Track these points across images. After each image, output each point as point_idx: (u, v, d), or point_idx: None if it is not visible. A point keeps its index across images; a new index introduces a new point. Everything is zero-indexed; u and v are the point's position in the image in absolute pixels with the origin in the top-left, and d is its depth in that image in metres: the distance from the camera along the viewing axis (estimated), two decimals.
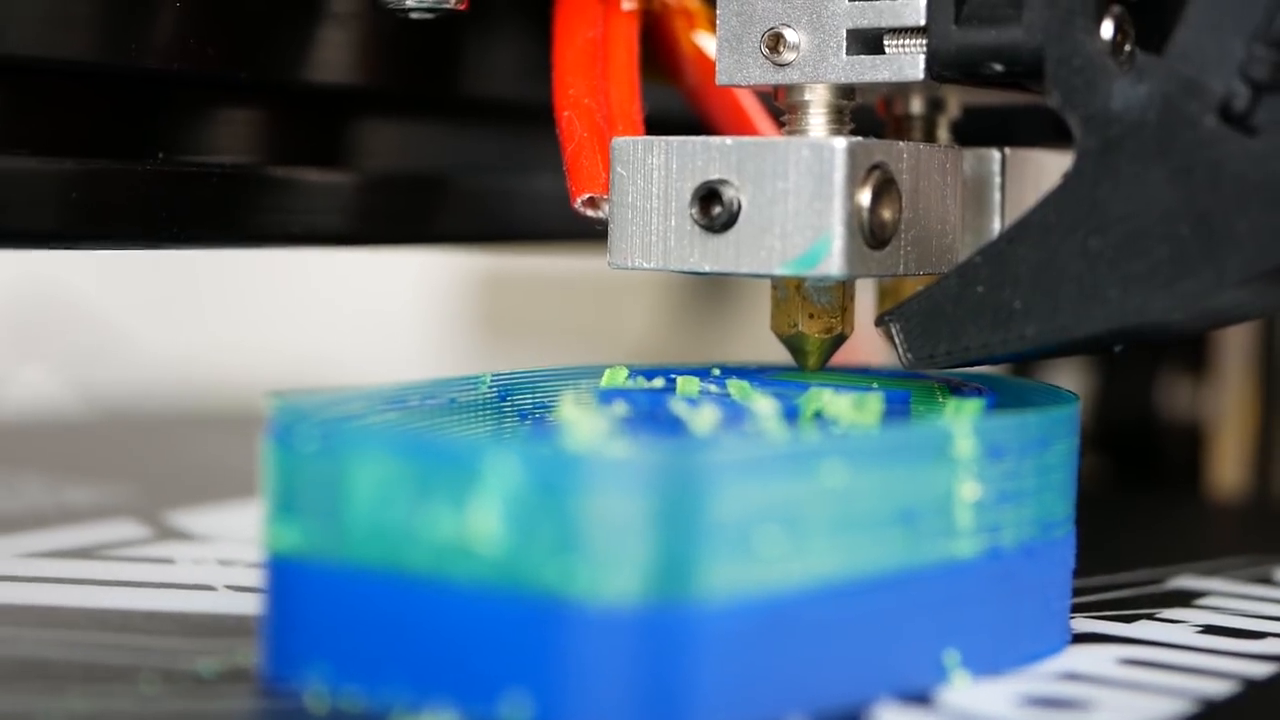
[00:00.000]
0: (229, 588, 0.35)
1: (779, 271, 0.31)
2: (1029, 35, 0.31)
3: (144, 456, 0.55)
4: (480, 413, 0.33)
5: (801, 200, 0.31)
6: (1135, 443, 0.53)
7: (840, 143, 0.31)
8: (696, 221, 0.32)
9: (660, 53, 0.37)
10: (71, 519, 0.41)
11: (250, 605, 0.33)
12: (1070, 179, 0.31)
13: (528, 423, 0.34)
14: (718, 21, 0.33)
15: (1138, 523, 0.46)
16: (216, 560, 0.37)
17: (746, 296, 0.33)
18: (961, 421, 0.30)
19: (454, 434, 0.32)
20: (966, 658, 0.30)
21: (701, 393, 0.33)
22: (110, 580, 0.35)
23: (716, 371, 0.35)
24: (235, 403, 0.69)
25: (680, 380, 0.34)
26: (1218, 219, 0.29)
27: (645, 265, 0.32)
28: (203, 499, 0.44)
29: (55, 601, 0.34)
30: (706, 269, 0.32)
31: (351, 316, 1.02)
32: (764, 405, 0.30)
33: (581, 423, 0.29)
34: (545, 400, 0.34)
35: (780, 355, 0.35)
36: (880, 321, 0.32)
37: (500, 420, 0.33)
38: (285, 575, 0.28)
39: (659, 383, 0.34)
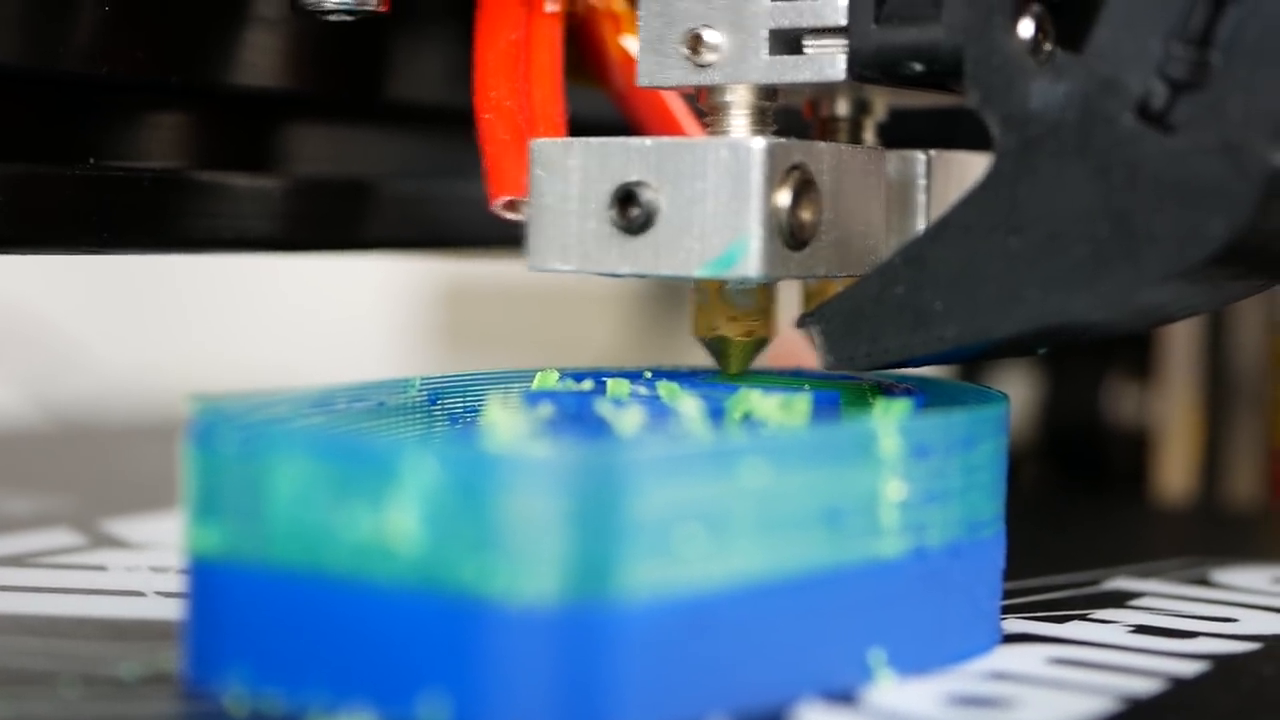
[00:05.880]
0: (159, 594, 0.35)
1: (697, 273, 0.31)
2: (948, 34, 0.31)
3: (86, 467, 0.54)
4: (410, 416, 0.33)
5: (720, 201, 0.31)
6: (1081, 448, 0.53)
7: (759, 143, 0.31)
8: (615, 223, 0.32)
9: (588, 56, 0.37)
10: (7, 528, 0.41)
11: (178, 610, 0.33)
12: (990, 179, 0.30)
13: (458, 426, 0.34)
14: (639, 22, 0.33)
15: (1082, 527, 0.46)
16: (149, 567, 0.37)
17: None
18: (887, 420, 0.29)
19: (376, 436, 0.31)
20: (892, 657, 0.30)
21: (631, 395, 0.33)
22: (40, 587, 0.35)
23: (648, 374, 0.34)
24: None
25: (610, 382, 0.34)
26: (1136, 218, 0.29)
27: (564, 268, 0.32)
28: (143, 508, 0.44)
29: None
30: (625, 271, 0.32)
31: (310, 328, 1.02)
32: (689, 406, 0.30)
33: (502, 423, 0.29)
34: (475, 404, 0.34)
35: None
36: (801, 323, 0.32)
37: (430, 424, 0.33)
38: (206, 577, 0.28)
39: (588, 385, 0.33)
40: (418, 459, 0.26)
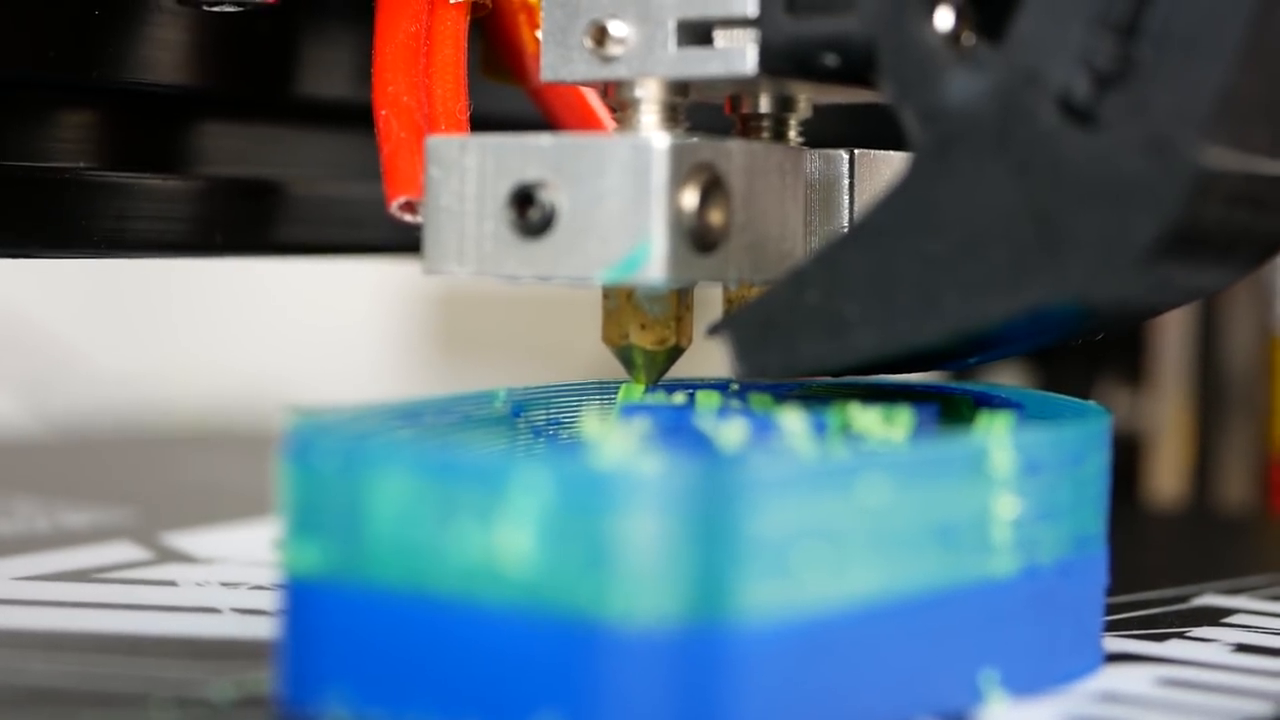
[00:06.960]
0: (235, 610, 0.34)
1: (598, 277, 0.30)
2: (863, 24, 0.29)
3: (136, 477, 0.54)
4: (494, 429, 0.32)
5: (622, 202, 0.29)
6: None
7: (662, 141, 0.29)
8: (513, 225, 0.30)
9: (503, 51, 0.35)
10: (66, 542, 0.40)
11: (258, 629, 0.32)
12: (907, 178, 0.29)
13: (541, 440, 0.33)
14: (543, 13, 0.31)
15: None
16: (219, 583, 0.36)
17: (701, 314, 0.31)
18: (998, 435, 0.29)
19: (474, 451, 0.31)
20: (1004, 678, 0.29)
21: (723, 407, 0.33)
22: (113, 603, 0.34)
23: (735, 386, 0.34)
24: (192, 422, 0.68)
25: (700, 394, 0.33)
26: (1058, 219, 0.28)
27: (460, 271, 0.30)
28: (199, 520, 0.43)
29: (58, 626, 0.33)
30: (525, 274, 0.30)
31: (304, 334, 1.01)
32: (793, 420, 0.30)
33: (609, 439, 0.28)
34: (559, 416, 0.33)
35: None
36: (712, 331, 0.30)
37: (514, 437, 0.33)
38: (304, 597, 0.27)
39: (679, 397, 0.33)
40: (530, 476, 0.26)
